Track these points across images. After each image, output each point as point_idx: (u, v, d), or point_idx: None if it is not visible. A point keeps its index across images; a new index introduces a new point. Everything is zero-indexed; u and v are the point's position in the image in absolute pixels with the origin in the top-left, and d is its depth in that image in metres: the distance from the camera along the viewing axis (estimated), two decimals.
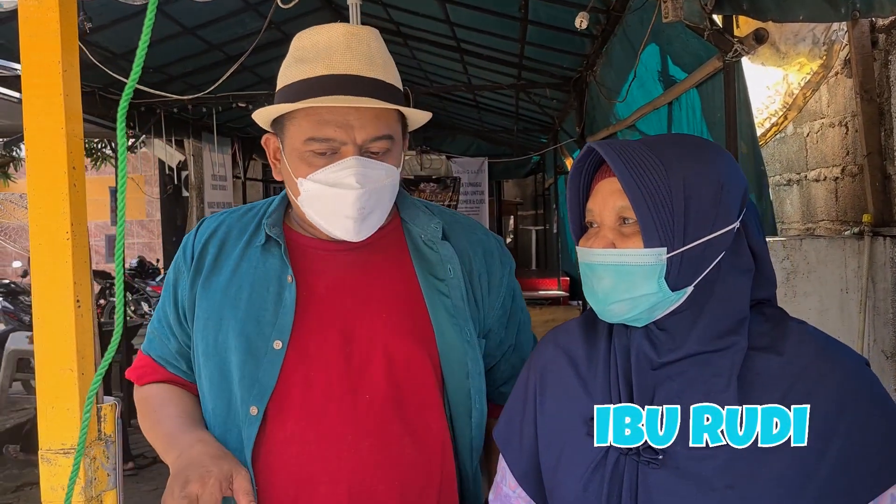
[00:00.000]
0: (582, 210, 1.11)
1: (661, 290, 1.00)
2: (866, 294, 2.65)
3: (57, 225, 0.98)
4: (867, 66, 2.71)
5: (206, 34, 5.64)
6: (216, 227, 1.41)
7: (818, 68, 2.92)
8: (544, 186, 11.77)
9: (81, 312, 0.99)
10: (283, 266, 1.32)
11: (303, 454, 1.25)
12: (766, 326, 1.04)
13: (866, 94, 2.70)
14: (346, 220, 1.26)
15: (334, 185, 1.24)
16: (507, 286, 1.45)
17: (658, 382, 1.02)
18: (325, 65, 1.25)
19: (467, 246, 1.41)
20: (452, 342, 1.33)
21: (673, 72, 3.67)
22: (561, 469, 1.07)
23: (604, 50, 4.54)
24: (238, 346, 1.28)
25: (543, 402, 1.14)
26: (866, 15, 2.43)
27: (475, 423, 1.36)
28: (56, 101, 0.97)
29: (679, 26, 3.09)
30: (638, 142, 1.05)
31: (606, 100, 4.81)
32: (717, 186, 1.01)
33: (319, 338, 1.29)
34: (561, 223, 9.89)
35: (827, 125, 3.13)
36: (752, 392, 0.98)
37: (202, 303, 1.34)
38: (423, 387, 1.32)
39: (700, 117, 3.46)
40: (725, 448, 0.96)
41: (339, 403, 1.26)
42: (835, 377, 0.98)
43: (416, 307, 1.33)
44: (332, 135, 1.23)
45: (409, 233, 1.40)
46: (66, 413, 0.99)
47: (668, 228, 0.99)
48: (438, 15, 5.25)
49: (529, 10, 4.40)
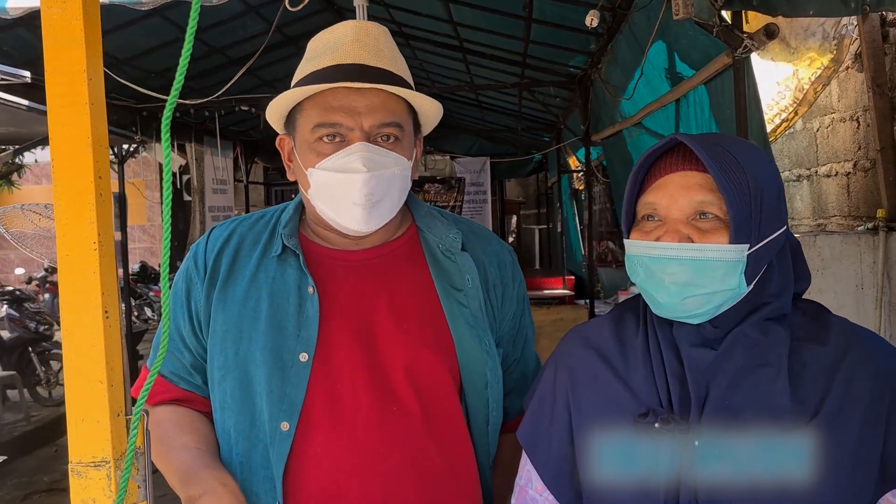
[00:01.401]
0: (635, 203, 1.10)
1: (740, 286, 1.01)
2: (882, 290, 2.63)
3: (84, 235, 0.96)
4: (878, 61, 2.70)
5: (207, 37, 5.62)
6: (228, 235, 1.39)
7: (829, 63, 2.91)
8: (547, 185, 11.76)
9: (109, 323, 0.97)
10: (303, 277, 1.30)
11: (334, 469, 1.23)
12: (806, 319, 1.07)
13: (878, 89, 2.68)
14: (354, 206, 1.24)
15: (342, 171, 1.23)
16: (519, 299, 1.45)
17: (710, 375, 1.03)
18: (332, 57, 1.25)
19: (483, 256, 1.40)
20: (472, 352, 1.32)
21: (680, 69, 3.66)
22: (606, 469, 1.06)
23: (609, 47, 4.52)
24: (263, 359, 1.26)
25: (578, 402, 1.13)
26: (876, 9, 2.41)
27: (491, 432, 1.36)
28: (82, 110, 0.95)
29: (687, 23, 3.08)
30: (706, 137, 1.05)
31: (612, 97, 4.79)
32: (779, 186, 1.05)
33: (344, 350, 1.27)
34: (565, 222, 9.89)
35: (838, 120, 3.11)
36: (800, 381, 1.00)
37: (219, 315, 1.31)
38: (446, 397, 1.31)
39: (709, 114, 3.45)
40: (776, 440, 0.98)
41: (366, 416, 1.24)
42: (877, 364, 1.01)
43: (435, 318, 1.32)
44: (339, 119, 1.23)
45: (425, 242, 1.38)
46: (96, 425, 0.98)
47: (750, 225, 1.01)
48: (441, 15, 5.24)
49: (534, 9, 4.39)
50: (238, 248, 1.36)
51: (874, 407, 0.98)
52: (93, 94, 0.96)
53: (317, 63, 1.26)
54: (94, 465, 0.98)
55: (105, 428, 0.98)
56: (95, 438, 0.98)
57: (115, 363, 0.98)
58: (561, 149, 8.44)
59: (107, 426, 0.98)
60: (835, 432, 0.97)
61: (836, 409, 0.98)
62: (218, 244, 1.37)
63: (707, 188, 1.03)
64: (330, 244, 1.35)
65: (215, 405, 1.32)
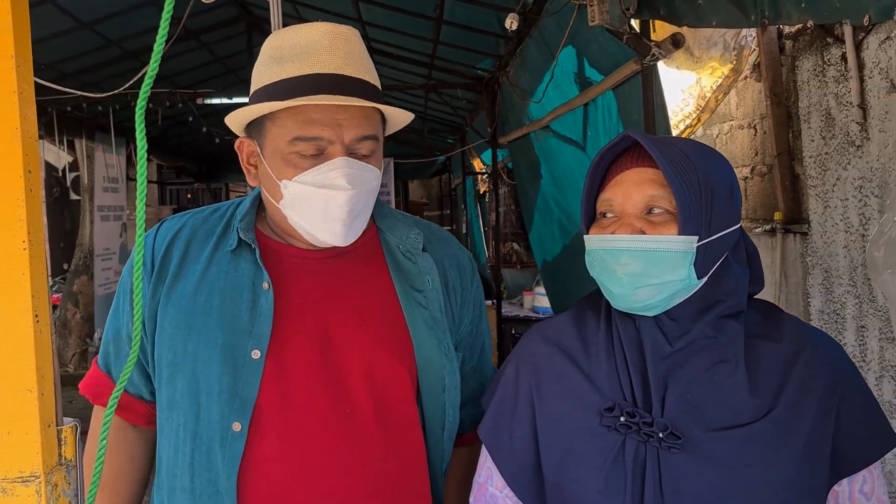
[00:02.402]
0: (594, 200, 1.13)
1: (690, 277, 1.04)
2: (779, 288, 2.78)
3: (12, 233, 0.89)
4: (776, 71, 2.85)
5: (103, 29, 5.37)
6: (179, 228, 1.33)
7: (729, 72, 3.05)
8: (451, 187, 11.85)
9: (40, 328, 0.90)
10: (258, 272, 1.26)
11: (286, 472, 1.19)
12: (760, 317, 1.12)
13: (776, 98, 2.83)
14: (335, 223, 1.21)
15: (323, 187, 1.19)
16: (477, 304, 1.44)
17: (670, 370, 1.06)
18: (309, 64, 1.20)
19: (444, 258, 1.38)
20: (431, 355, 1.30)
21: (589, 74, 3.76)
22: (571, 464, 1.08)
23: (518, 51, 4.60)
24: (214, 356, 1.21)
25: (541, 398, 1.14)
26: (774, 22, 2.55)
27: (447, 438, 1.34)
28: (10, 99, 0.89)
29: (597, 30, 3.16)
30: (660, 137, 1.09)
31: (520, 100, 4.87)
32: (729, 184, 1.08)
33: (298, 348, 1.23)
34: (469, 224, 9.99)
35: (736, 127, 3.27)
36: (757, 376, 1.04)
37: (168, 311, 1.26)
38: (403, 400, 1.28)
39: (616, 118, 3.56)
40: (740, 430, 1.01)
41: (321, 418, 1.21)
42: (827, 361, 1.07)
43: (394, 319, 1.29)
44: (320, 133, 1.19)
45: (385, 242, 1.36)
46: (24, 438, 0.91)
47: (699, 219, 1.04)
48: (351, 13, 5.19)
49: (445, 11, 4.41)
50: (189, 242, 1.31)
51: (826, 401, 1.03)
52: (21, 82, 0.90)
53: (290, 69, 1.20)
54: (21, 481, 0.91)
55: (35, 440, 0.91)
56: (24, 451, 0.91)
57: (45, 371, 0.92)
58: (466, 151, 8.51)
59: (37, 438, 0.91)
60: (791, 425, 1.01)
61: (791, 404, 1.02)
62: (168, 237, 1.31)
63: (659, 183, 1.07)
64: (287, 241, 1.31)
65: (162, 404, 1.26)
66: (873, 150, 2.33)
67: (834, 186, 2.58)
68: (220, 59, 6.91)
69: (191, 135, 9.16)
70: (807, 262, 2.77)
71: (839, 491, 1.06)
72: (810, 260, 2.75)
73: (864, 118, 2.37)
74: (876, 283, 2.09)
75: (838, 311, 2.58)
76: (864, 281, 2.44)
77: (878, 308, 2.37)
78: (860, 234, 2.45)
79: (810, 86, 2.68)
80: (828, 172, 2.61)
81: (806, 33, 2.69)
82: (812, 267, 2.74)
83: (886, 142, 2.26)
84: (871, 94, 2.32)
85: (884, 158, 2.28)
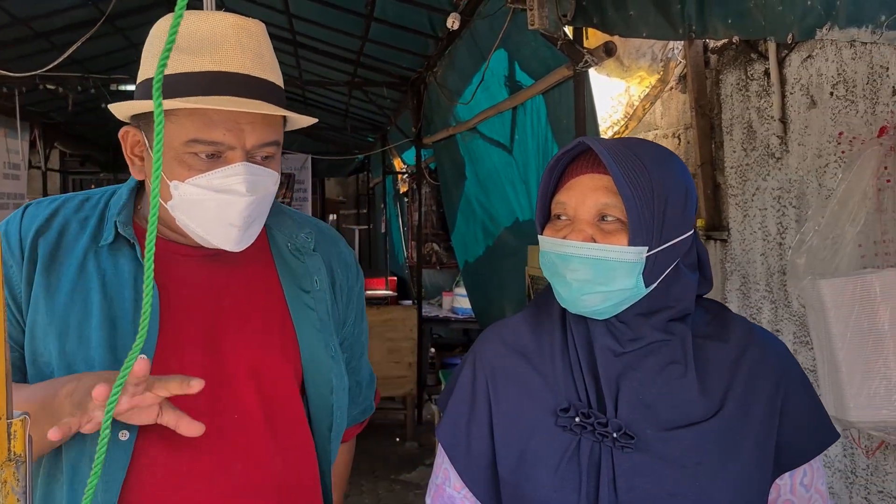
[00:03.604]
0: (549, 200, 1.14)
1: (637, 286, 1.06)
2: None
3: None
4: (701, 84, 2.96)
5: (10, 6, 5.09)
6: (49, 215, 1.23)
7: (656, 83, 3.15)
8: (369, 186, 11.79)
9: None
10: (140, 269, 1.19)
11: (170, 480, 1.14)
12: (709, 317, 1.15)
13: (700, 109, 2.94)
14: (231, 228, 1.15)
15: (220, 192, 1.13)
16: (359, 303, 1.42)
17: (621, 372, 1.07)
18: (213, 60, 1.12)
19: (331, 257, 1.36)
20: (318, 357, 1.27)
21: (520, 77, 3.81)
22: (528, 463, 1.09)
23: (447, 52, 4.61)
24: (96, 357, 1.13)
25: (498, 399, 1.14)
26: (701, 36, 2.65)
27: (334, 438, 1.32)
28: None
29: (530, 34, 3.21)
30: (618, 141, 1.09)
31: (448, 101, 4.89)
32: (684, 192, 1.09)
33: (181, 351, 1.17)
34: (388, 223, 9.95)
35: (661, 136, 3.38)
36: (706, 376, 1.07)
37: (40, 304, 1.17)
38: (291, 403, 1.25)
39: (545, 123, 3.62)
40: (691, 429, 1.04)
41: (206, 423, 1.13)
42: (772, 359, 1.11)
43: (281, 320, 1.26)
44: (221, 138, 1.12)
45: (273, 240, 1.31)
46: None
47: (650, 229, 1.04)
48: (278, 6, 5.09)
49: (376, 8, 4.38)
50: (62, 232, 1.21)
51: (771, 400, 1.08)
52: None
53: (189, 62, 1.12)
54: None
55: None
56: None
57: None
58: (387, 150, 8.49)
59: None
60: (739, 424, 1.05)
61: (739, 403, 1.06)
62: (36, 224, 1.22)
63: (612, 191, 1.07)
64: (168, 237, 1.24)
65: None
66: (792, 162, 2.45)
67: (753, 196, 2.70)
68: (135, 45, 6.66)
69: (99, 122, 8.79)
70: (726, 267, 2.89)
71: (781, 484, 1.11)
72: (729, 266, 2.87)
73: (784, 132, 2.49)
74: (796, 288, 2.20)
75: (754, 316, 2.70)
76: (780, 287, 2.57)
77: (792, 313, 2.50)
78: (777, 242, 2.57)
79: (733, 99, 2.80)
80: (748, 183, 2.73)
81: (731, 48, 2.80)
82: (730, 273, 2.86)
83: (805, 155, 2.38)
84: (792, 109, 2.44)
85: (802, 171, 2.40)
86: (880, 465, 2.09)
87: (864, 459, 2.14)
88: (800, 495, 1.11)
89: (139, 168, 1.22)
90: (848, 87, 2.15)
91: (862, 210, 1.98)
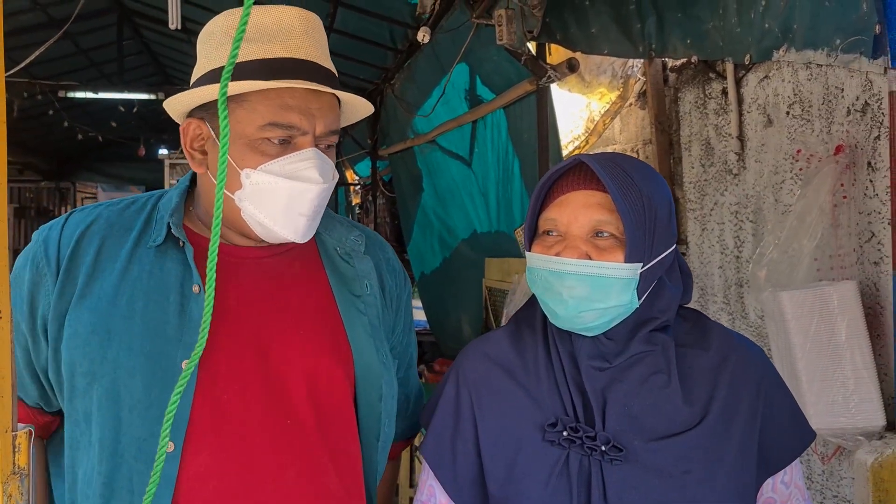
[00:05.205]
0: (536, 216, 1.14)
1: (632, 301, 1.07)
2: None
3: None
4: (660, 101, 3.04)
5: None
6: (91, 221, 1.21)
7: (616, 99, 3.22)
8: None
9: (1, 325, 0.83)
10: (187, 273, 1.16)
11: (222, 490, 1.11)
12: (688, 325, 1.17)
13: (660, 126, 3.02)
14: (300, 217, 1.14)
15: (292, 178, 1.12)
16: (408, 312, 1.40)
17: (607, 384, 1.08)
18: (283, 47, 1.13)
19: (381, 262, 1.34)
20: (370, 363, 1.24)
21: (481, 91, 3.86)
22: (517, 479, 1.09)
23: (406, 64, 4.64)
24: (137, 366, 1.11)
25: (483, 415, 1.14)
26: (660, 55, 2.73)
27: (381, 448, 1.28)
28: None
29: (493, 49, 3.26)
30: (606, 157, 1.10)
31: (406, 113, 4.91)
32: (668, 206, 1.11)
33: (232, 356, 1.15)
34: None
35: (619, 151, 3.46)
36: (689, 385, 1.10)
37: (82, 314, 1.14)
38: (342, 409, 1.22)
39: (506, 136, 3.67)
40: (678, 438, 1.06)
41: (258, 430, 1.13)
42: (752, 366, 1.14)
43: (333, 324, 1.23)
44: (296, 122, 1.12)
45: (322, 244, 1.29)
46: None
47: (644, 244, 1.06)
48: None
49: (337, 20, 4.38)
50: (105, 237, 1.19)
51: (752, 405, 1.10)
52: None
53: (263, 50, 1.12)
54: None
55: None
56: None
57: (4, 372, 0.84)
58: (339, 162, 8.45)
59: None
60: (724, 431, 1.07)
61: (722, 410, 1.08)
62: (78, 230, 1.19)
63: (606, 208, 1.07)
64: (220, 238, 1.24)
65: (77, 417, 1.14)
66: (749, 178, 2.54)
67: (711, 211, 2.78)
68: (84, 51, 6.52)
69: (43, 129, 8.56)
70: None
71: (763, 484, 1.14)
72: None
73: (741, 149, 2.57)
74: (756, 300, 2.27)
75: None
76: (737, 299, 2.65)
77: (749, 324, 2.57)
78: (735, 255, 2.65)
79: (692, 116, 2.88)
80: (706, 197, 2.81)
81: (689, 67, 2.89)
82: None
83: (762, 171, 2.46)
84: (749, 127, 2.53)
85: (759, 186, 2.49)
86: (835, 471, 2.16)
87: (819, 465, 2.22)
88: (780, 492, 1.15)
89: (199, 161, 1.19)
90: (804, 106, 2.24)
91: (819, 225, 2.06)
